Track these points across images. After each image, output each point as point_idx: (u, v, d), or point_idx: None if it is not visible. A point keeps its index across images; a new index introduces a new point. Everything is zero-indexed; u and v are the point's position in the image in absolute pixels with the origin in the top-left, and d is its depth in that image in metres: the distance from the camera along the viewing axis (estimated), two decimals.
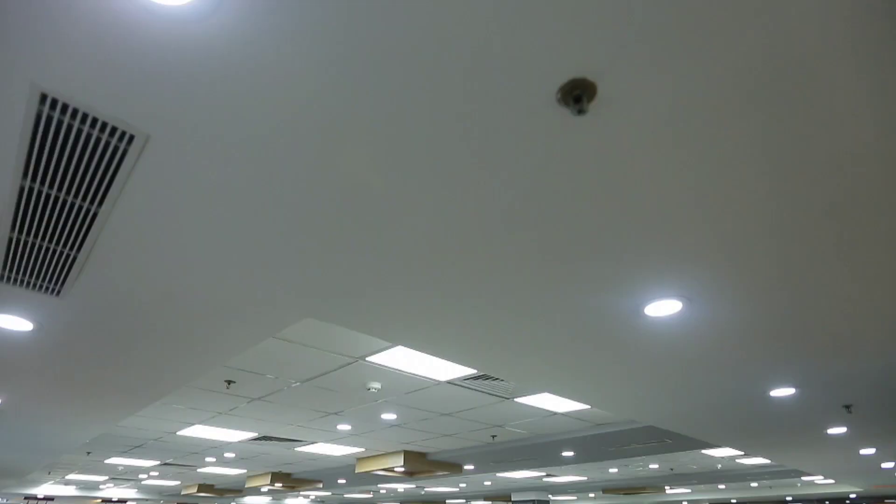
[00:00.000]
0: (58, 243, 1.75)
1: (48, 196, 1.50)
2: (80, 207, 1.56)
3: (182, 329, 2.45)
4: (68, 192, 1.48)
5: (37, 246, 1.76)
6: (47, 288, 2.07)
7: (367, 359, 3.67)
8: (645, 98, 1.17)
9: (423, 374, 4.06)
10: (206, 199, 1.52)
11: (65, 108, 1.20)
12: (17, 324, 2.39)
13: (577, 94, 1.13)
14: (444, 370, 3.97)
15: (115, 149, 1.32)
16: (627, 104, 1.19)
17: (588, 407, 4.98)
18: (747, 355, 2.79)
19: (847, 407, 3.98)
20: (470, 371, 3.97)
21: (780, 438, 5.25)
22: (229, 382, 4.29)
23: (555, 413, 5.32)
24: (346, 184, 1.44)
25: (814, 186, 1.46)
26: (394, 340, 2.59)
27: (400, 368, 3.89)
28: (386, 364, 3.79)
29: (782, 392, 3.52)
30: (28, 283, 2.02)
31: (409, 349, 3.43)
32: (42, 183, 1.44)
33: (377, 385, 4.27)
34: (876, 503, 13.03)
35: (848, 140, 1.30)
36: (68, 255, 1.83)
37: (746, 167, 1.39)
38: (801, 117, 1.24)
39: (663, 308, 2.17)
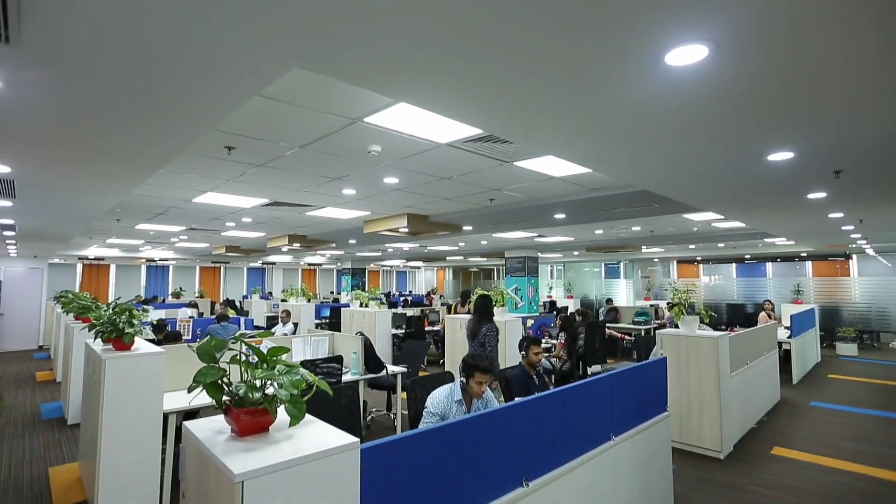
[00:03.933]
0: None
1: None
2: None
3: (158, 83, 2.27)
4: None
5: None
6: None
7: (365, 119, 3.56)
8: None
9: (423, 136, 4.00)
10: None
11: None
12: None
13: None
14: (443, 132, 3.90)
15: None
16: None
17: (584, 171, 5.11)
18: (760, 113, 2.68)
19: (836, 172, 4.08)
20: (470, 133, 3.91)
21: (763, 203, 5.57)
22: (230, 149, 4.29)
23: (551, 177, 5.51)
24: None
25: None
26: (392, 95, 2.44)
27: (399, 130, 3.81)
28: (385, 125, 3.69)
29: (780, 156, 3.54)
30: None
31: (406, 108, 3.30)
32: None
33: (377, 148, 4.27)
34: (821, 259, 15.10)
35: None
36: None
37: None
38: None
39: (687, 55, 1.95)
